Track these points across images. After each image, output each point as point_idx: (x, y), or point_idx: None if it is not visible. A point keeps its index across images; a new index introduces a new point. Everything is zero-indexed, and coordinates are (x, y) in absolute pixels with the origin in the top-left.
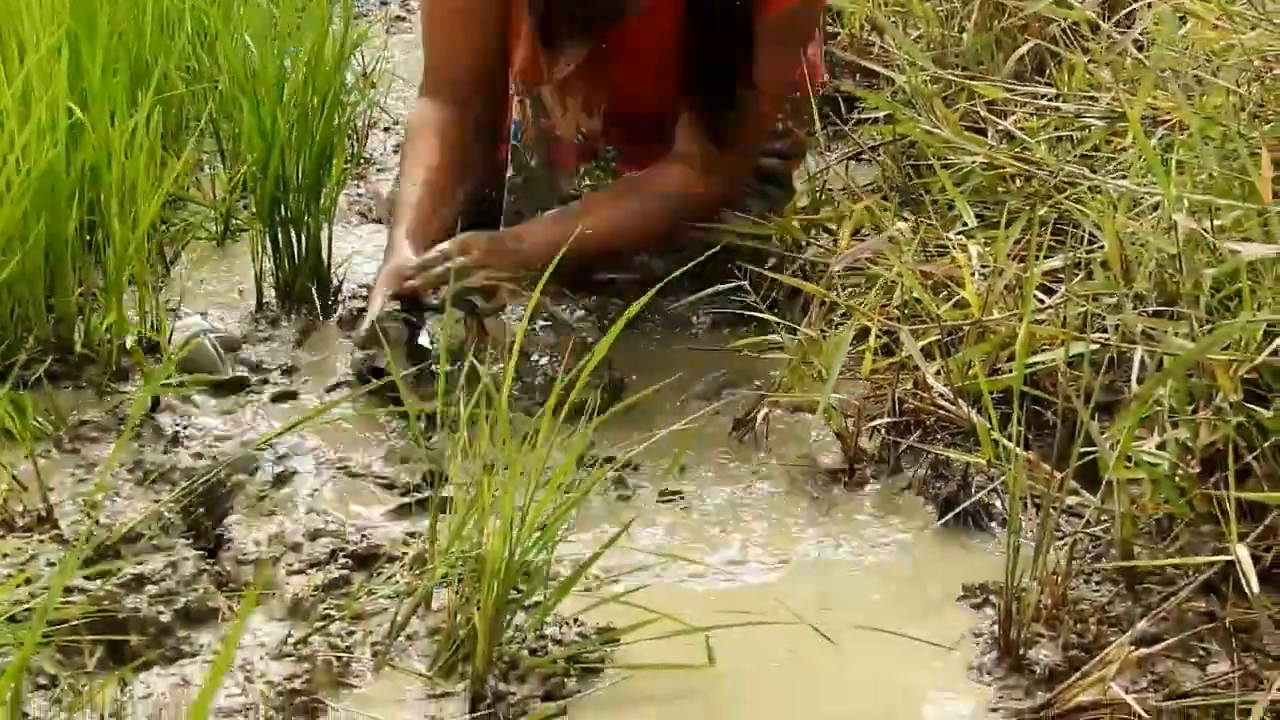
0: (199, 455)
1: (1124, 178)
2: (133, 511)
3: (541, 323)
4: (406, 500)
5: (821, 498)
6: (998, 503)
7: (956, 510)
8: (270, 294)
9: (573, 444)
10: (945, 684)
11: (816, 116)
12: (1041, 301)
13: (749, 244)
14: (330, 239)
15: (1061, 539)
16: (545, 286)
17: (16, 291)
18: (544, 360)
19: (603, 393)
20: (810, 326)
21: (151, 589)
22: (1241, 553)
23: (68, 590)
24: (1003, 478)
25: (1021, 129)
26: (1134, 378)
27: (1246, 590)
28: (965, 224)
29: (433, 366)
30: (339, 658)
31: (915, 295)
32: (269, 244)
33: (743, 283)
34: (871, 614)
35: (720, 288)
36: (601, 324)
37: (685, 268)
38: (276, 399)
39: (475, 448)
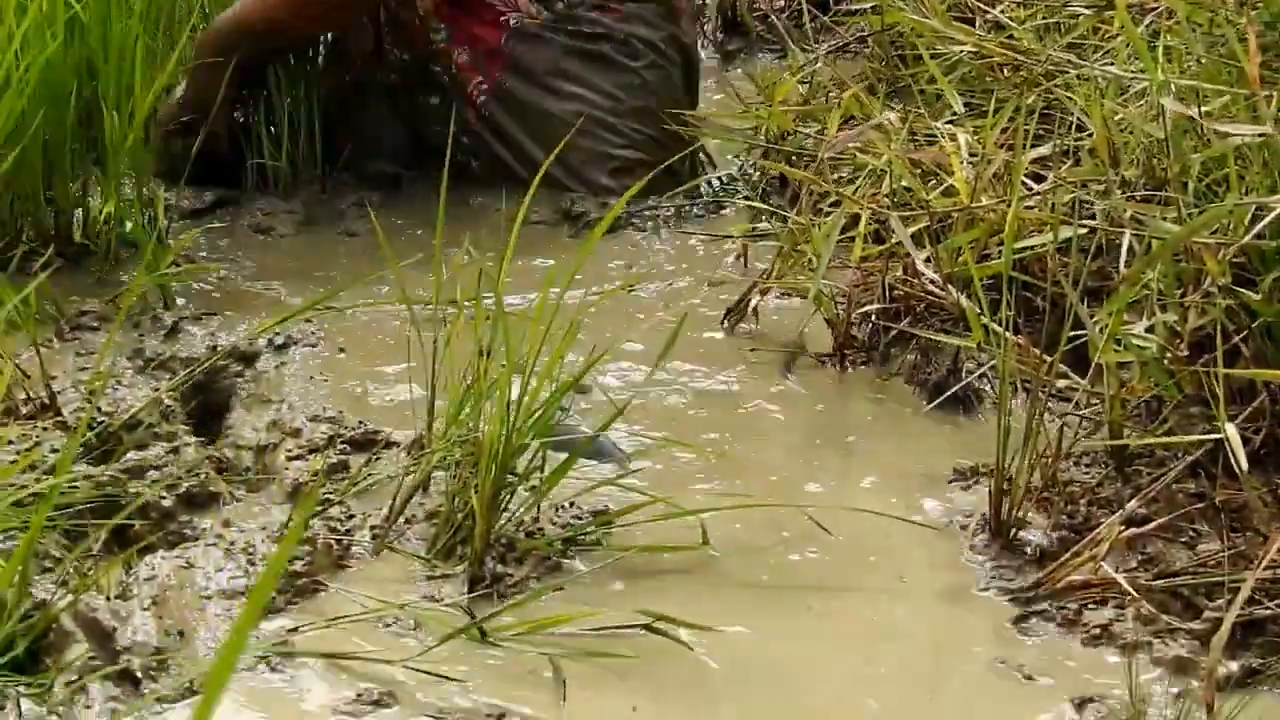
0: (198, 344)
1: (1111, 65)
2: (134, 399)
3: None
4: (405, 386)
5: (811, 383)
6: (988, 387)
7: (946, 394)
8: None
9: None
10: (937, 563)
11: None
12: (1030, 188)
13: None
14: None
15: (1051, 422)
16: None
17: (16, 184)
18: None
19: None
20: (800, 214)
21: (153, 475)
22: (1230, 432)
23: (71, 476)
24: (992, 362)
25: (1010, 19)
26: (1122, 263)
27: (1236, 470)
28: (954, 113)
29: None
30: (338, 541)
31: (904, 183)
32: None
33: (732, 171)
34: (862, 496)
35: (710, 176)
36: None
37: (669, 160)
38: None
39: (472, 332)
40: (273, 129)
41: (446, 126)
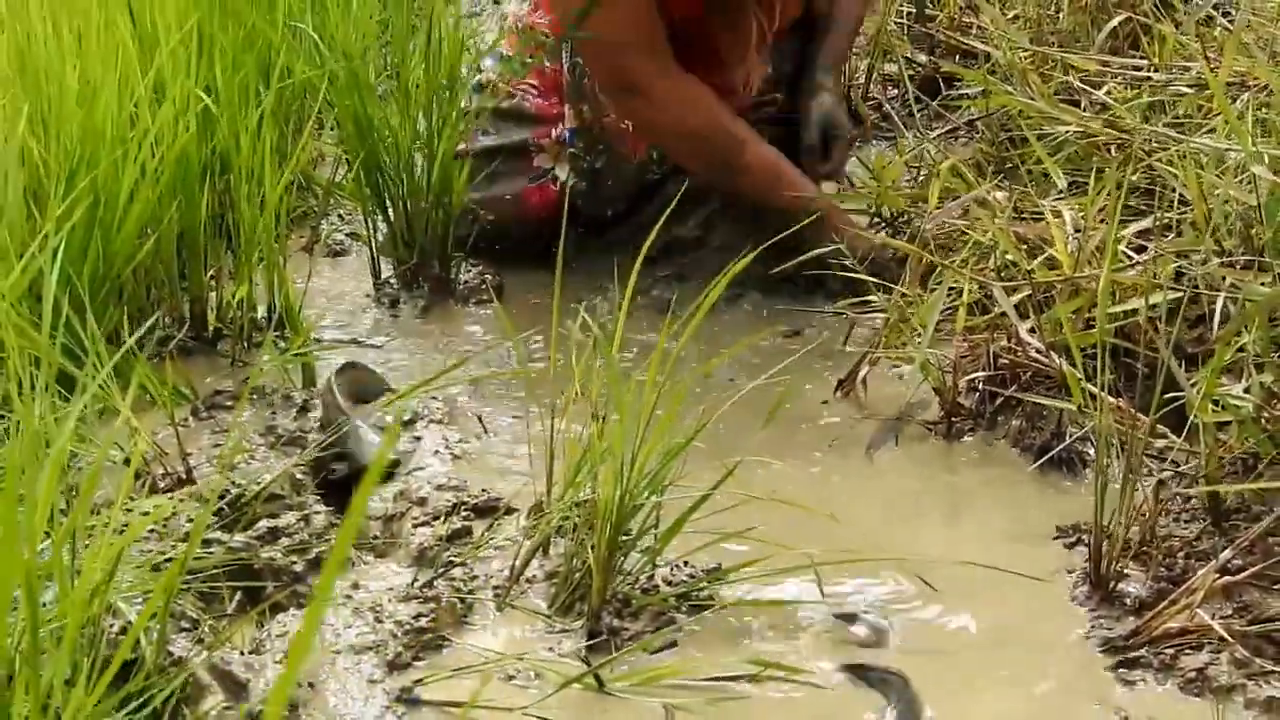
0: (329, 421)
1: (1208, 139)
2: (266, 472)
3: None
4: (526, 454)
5: (919, 449)
6: (1091, 451)
7: (1049, 455)
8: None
9: (674, 393)
10: (1038, 614)
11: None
12: (1131, 259)
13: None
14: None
15: (1149, 479)
16: None
17: (153, 271)
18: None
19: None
20: (907, 286)
21: (285, 541)
22: None
23: (207, 543)
24: (1092, 424)
25: (1114, 100)
26: (1215, 325)
27: None
28: (1059, 190)
29: None
30: (462, 600)
31: (1008, 255)
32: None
33: (839, 245)
34: (967, 553)
35: (819, 250)
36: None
37: (782, 235)
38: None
39: (586, 397)
40: None
41: None
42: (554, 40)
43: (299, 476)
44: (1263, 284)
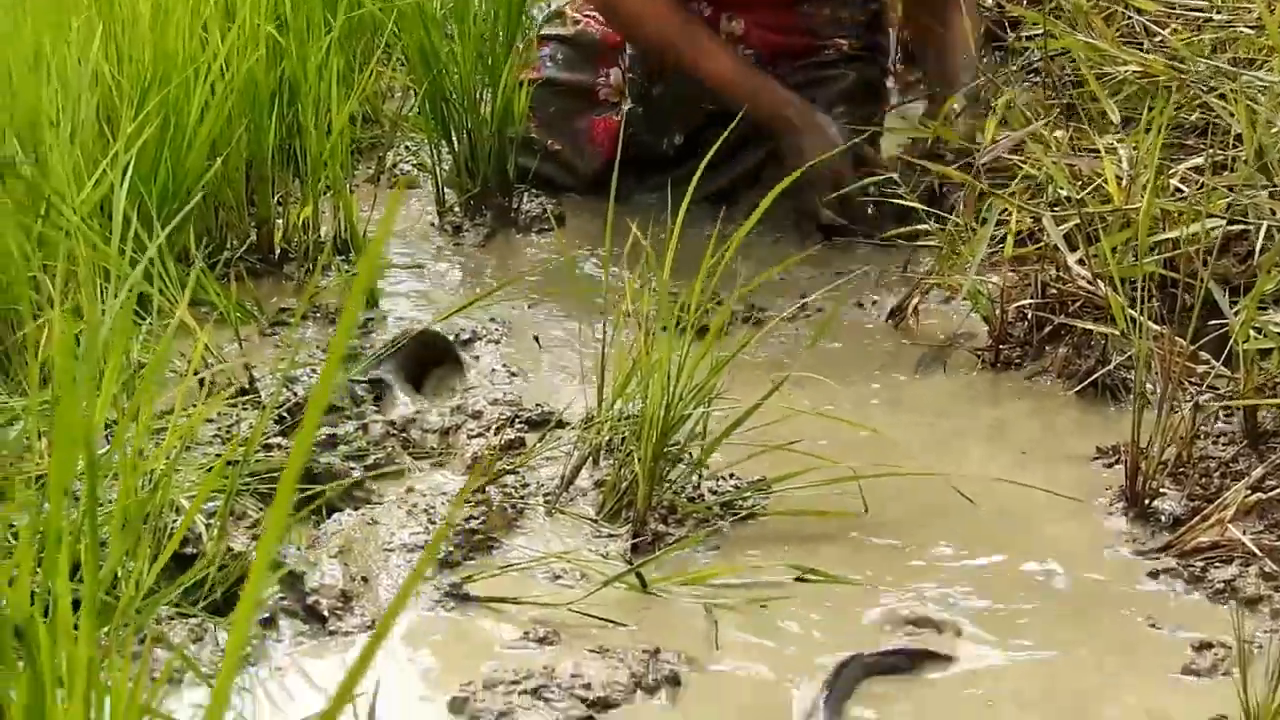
0: (390, 339)
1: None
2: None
3: None
4: (579, 370)
5: (967, 375)
6: (1133, 376)
7: (1092, 380)
8: (452, 199)
9: (724, 309)
10: (1075, 529)
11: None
12: (1183, 193)
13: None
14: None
15: (1188, 403)
16: None
17: (221, 194)
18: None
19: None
20: (960, 216)
21: (344, 448)
22: None
23: (267, 447)
24: (1134, 349)
25: (1177, 40)
26: (1258, 253)
27: None
28: (1115, 127)
29: None
30: (512, 505)
31: (1060, 188)
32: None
33: (893, 175)
34: (1008, 472)
35: (873, 179)
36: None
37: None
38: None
39: (637, 312)
40: None
41: None
42: None
43: (359, 390)
44: None
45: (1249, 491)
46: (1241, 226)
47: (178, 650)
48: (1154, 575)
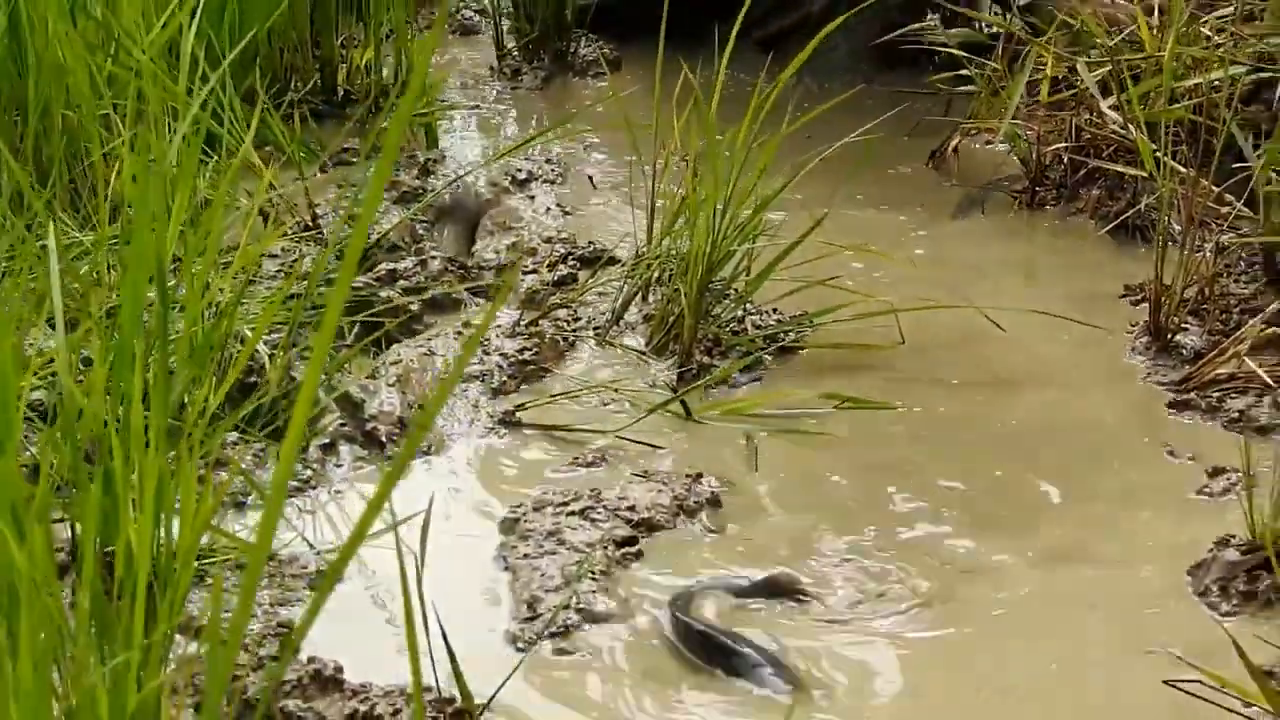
0: (449, 182)
1: None
2: (388, 223)
3: None
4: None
5: (1003, 216)
6: (1170, 224)
7: (1122, 220)
8: (512, 44)
9: (767, 149)
10: (1101, 361)
11: None
12: (1212, 40)
13: None
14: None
15: (1211, 243)
16: None
17: (285, 37)
18: None
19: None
20: (998, 60)
21: (403, 283)
22: None
23: (329, 282)
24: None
25: None
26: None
27: None
28: None
29: None
30: (564, 338)
31: (1094, 35)
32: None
33: (933, 22)
34: (1042, 304)
35: (915, 26)
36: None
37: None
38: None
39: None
40: None
41: None
42: None
43: (419, 229)
44: None
45: (1265, 326)
46: (1271, 74)
47: (240, 469)
48: (1173, 406)
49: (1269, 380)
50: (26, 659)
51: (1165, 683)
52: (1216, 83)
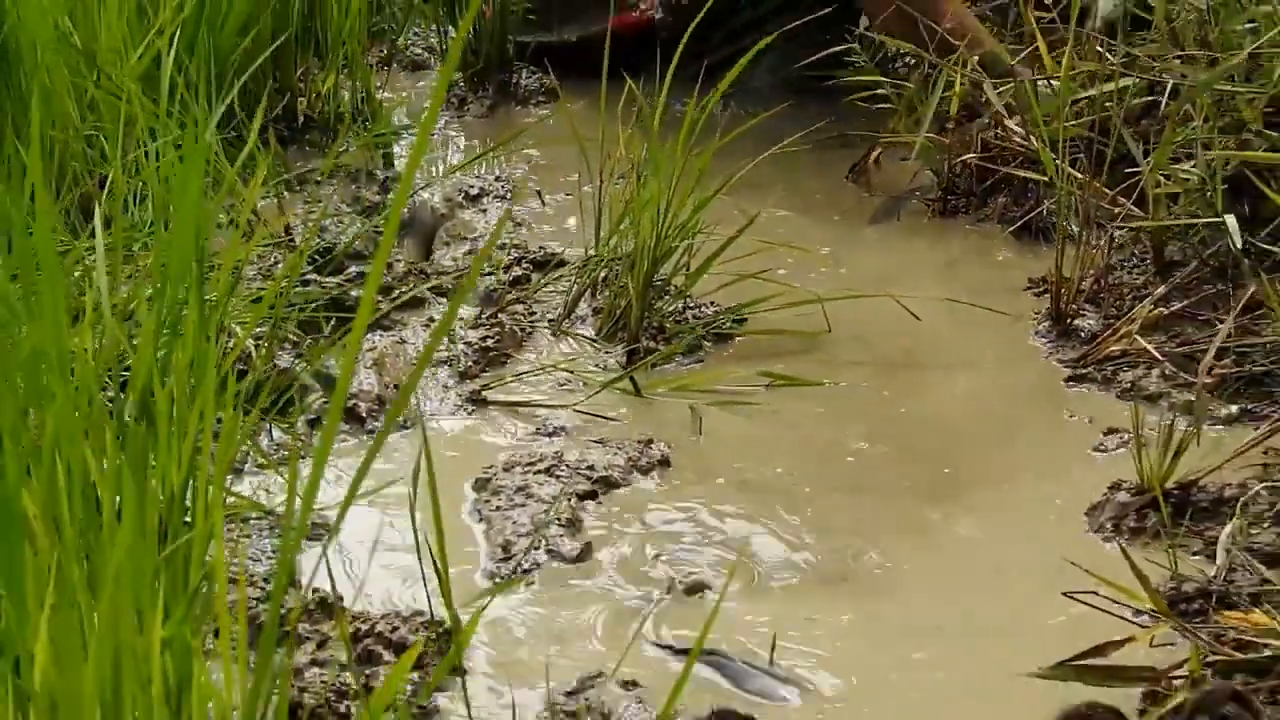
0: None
1: None
2: (353, 233)
3: None
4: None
5: (918, 222)
6: (1071, 224)
7: (1025, 221)
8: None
9: (704, 155)
10: (1006, 344)
11: None
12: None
13: None
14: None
15: (1110, 240)
16: None
17: (250, 68)
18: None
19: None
20: (912, 81)
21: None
22: (1229, 220)
23: (305, 283)
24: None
25: None
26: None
27: (1233, 249)
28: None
29: None
30: (522, 329)
31: (997, 53)
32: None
33: (853, 45)
34: (955, 296)
35: (836, 49)
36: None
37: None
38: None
39: (629, 158)
40: None
41: None
42: None
43: (379, 236)
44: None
45: (1153, 307)
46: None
47: (248, 436)
48: (1072, 380)
49: (1157, 355)
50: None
51: (1065, 594)
52: (1108, 99)
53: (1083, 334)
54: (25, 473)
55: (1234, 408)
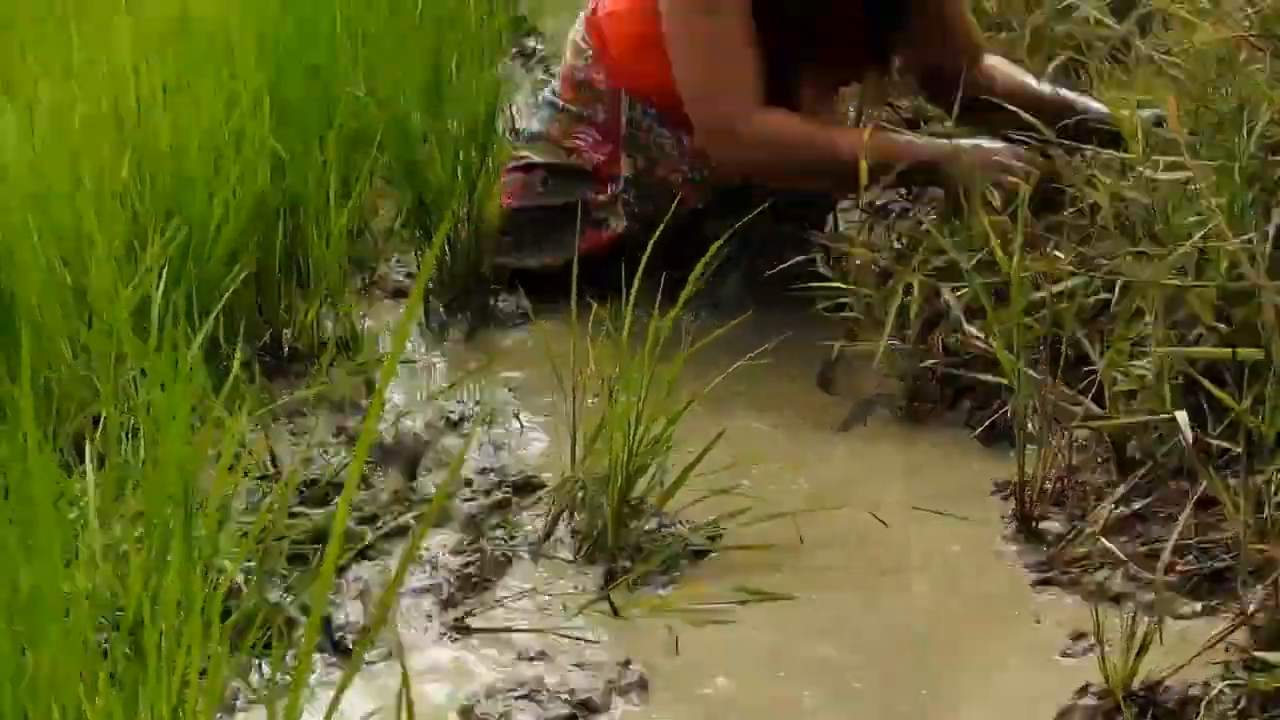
0: (392, 423)
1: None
2: (339, 463)
3: None
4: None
5: (884, 428)
6: (1031, 424)
7: (988, 425)
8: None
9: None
10: (974, 548)
11: None
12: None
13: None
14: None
15: (1064, 438)
16: None
17: (235, 299)
18: None
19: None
20: (868, 288)
21: (358, 514)
22: (1180, 416)
23: (293, 516)
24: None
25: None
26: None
27: (1185, 446)
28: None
29: None
30: (503, 554)
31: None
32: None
33: (815, 255)
34: (922, 503)
35: (799, 259)
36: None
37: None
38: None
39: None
40: None
41: None
42: (612, 92)
43: (365, 468)
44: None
45: (1114, 507)
46: (1114, 288)
47: (229, 671)
48: (1040, 584)
49: (1120, 555)
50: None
51: None
52: (1063, 296)
53: (1049, 536)
54: (23, 715)
55: (1197, 604)
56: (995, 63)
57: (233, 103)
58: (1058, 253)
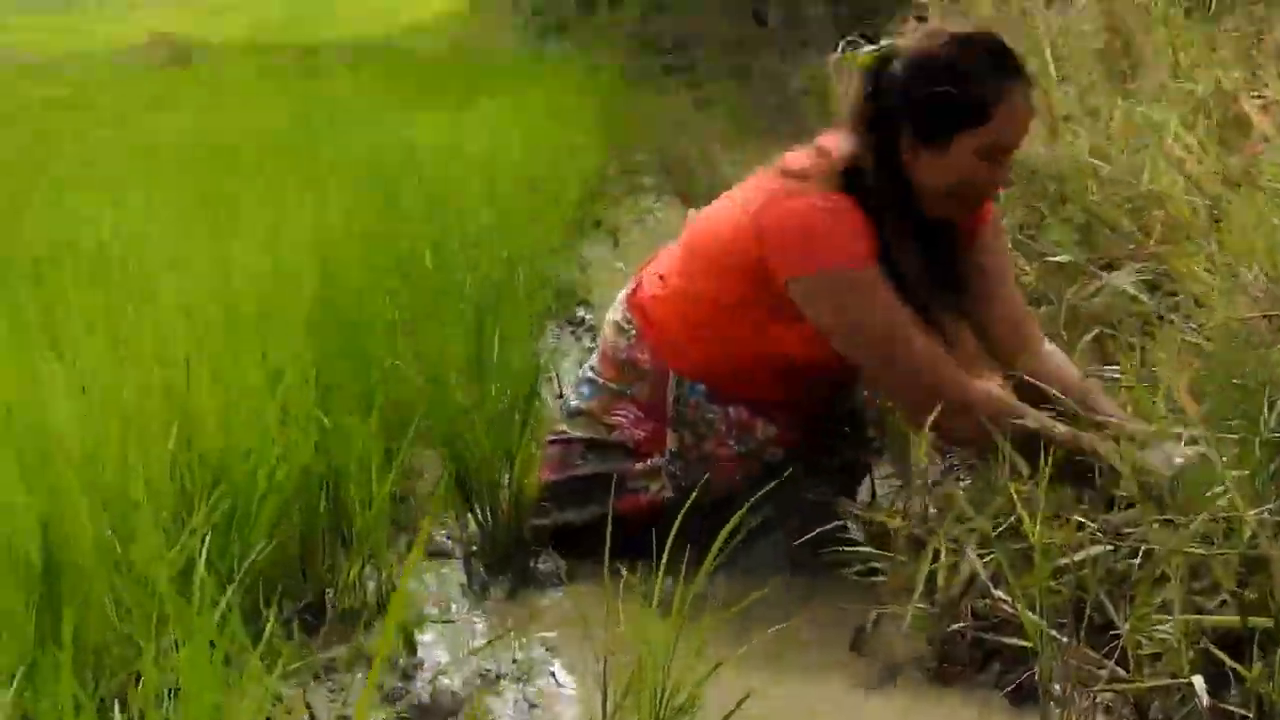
0: (429, 680)
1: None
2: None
3: None
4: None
5: (916, 689)
6: (1057, 687)
7: (1015, 684)
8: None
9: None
10: None
11: None
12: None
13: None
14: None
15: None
16: None
17: (279, 566)
18: None
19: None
20: (900, 554)
21: None
22: (1197, 681)
23: None
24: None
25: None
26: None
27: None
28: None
29: None
30: None
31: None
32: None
33: (845, 522)
34: None
35: (826, 527)
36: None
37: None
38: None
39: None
40: None
41: None
42: (657, 371)
43: None
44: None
45: None
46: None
47: None
48: None
49: None
50: None
51: None
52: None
53: None
54: None
55: None
56: (1053, 351)
57: (277, 378)
58: (1080, 518)
